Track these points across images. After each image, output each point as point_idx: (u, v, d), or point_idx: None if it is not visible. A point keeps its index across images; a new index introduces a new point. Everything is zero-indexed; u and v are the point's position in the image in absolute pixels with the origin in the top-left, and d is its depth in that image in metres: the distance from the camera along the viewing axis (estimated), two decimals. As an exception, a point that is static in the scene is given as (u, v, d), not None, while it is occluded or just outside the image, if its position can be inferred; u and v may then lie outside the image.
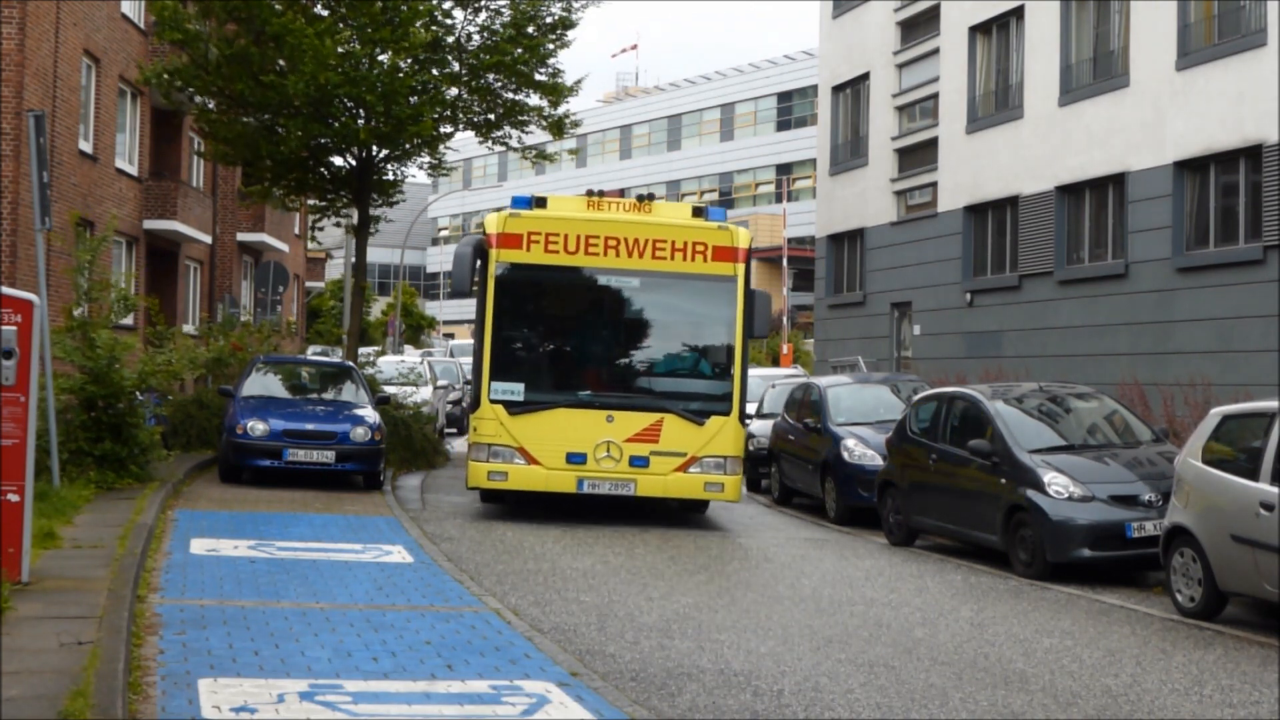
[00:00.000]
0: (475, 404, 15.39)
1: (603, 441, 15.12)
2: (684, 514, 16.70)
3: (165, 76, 22.22)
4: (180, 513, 14.35)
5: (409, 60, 21.55)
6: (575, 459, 15.11)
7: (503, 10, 22.60)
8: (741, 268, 15.52)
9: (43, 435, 13.48)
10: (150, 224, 28.57)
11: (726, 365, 15.68)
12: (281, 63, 21.04)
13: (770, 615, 10.55)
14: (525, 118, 23.36)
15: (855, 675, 8.65)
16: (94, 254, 17.14)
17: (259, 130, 22.11)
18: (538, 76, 22.76)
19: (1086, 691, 8.59)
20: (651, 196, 16.25)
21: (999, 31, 26.64)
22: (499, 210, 15.85)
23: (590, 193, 15.91)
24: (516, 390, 15.18)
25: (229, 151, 22.88)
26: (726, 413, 15.38)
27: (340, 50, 20.77)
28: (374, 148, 22.29)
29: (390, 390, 22.72)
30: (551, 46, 22.65)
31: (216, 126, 22.57)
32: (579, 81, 23.40)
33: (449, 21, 22.64)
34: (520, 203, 15.56)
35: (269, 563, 11.43)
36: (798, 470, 19.01)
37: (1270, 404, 11.46)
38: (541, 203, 15.59)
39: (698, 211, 15.80)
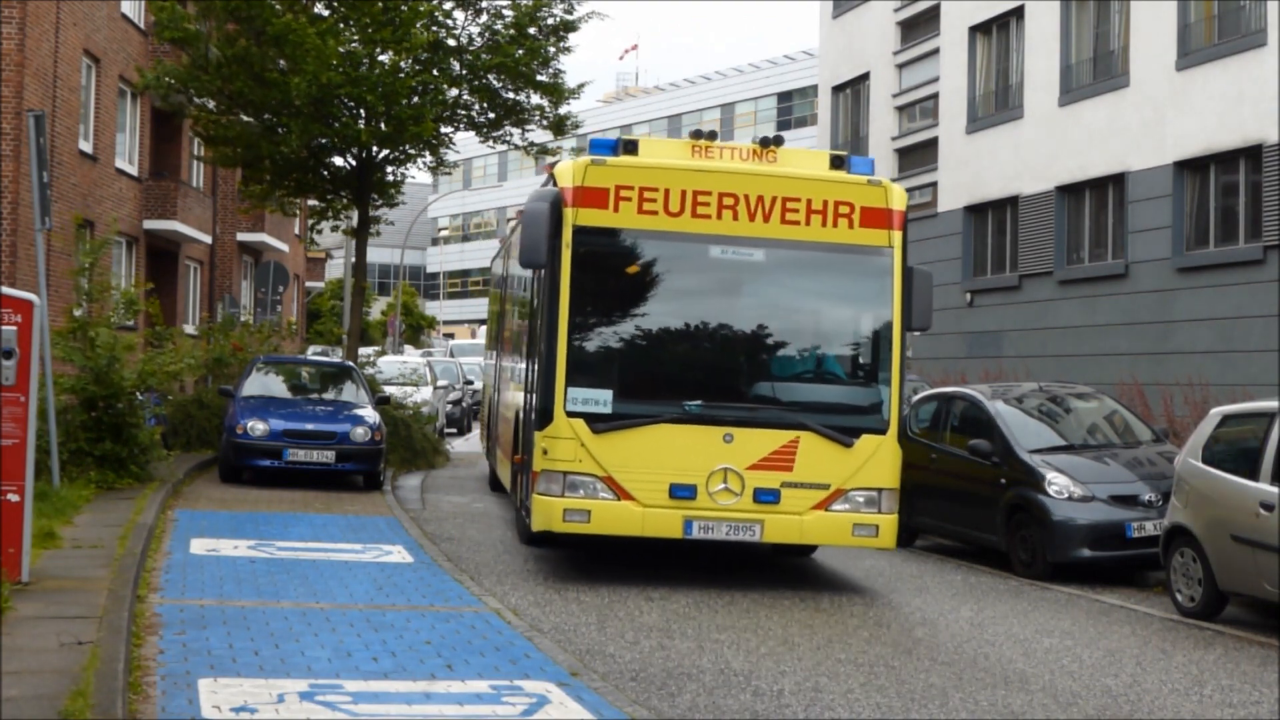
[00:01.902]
0: (543, 418, 11.49)
1: (719, 469, 11.35)
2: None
3: (165, 79, 22.22)
4: (180, 513, 14.34)
5: (410, 60, 21.55)
6: (682, 492, 11.33)
7: (504, 11, 22.61)
8: (898, 236, 11.78)
9: (43, 435, 13.49)
10: (150, 224, 28.58)
11: (878, 366, 11.89)
12: (282, 62, 21.03)
13: (770, 615, 10.55)
14: (526, 117, 23.36)
15: (855, 675, 8.65)
16: (95, 256, 17.15)
17: (259, 131, 22.10)
18: (539, 77, 22.76)
19: (1086, 691, 8.59)
20: (779, 140, 12.07)
21: (999, 31, 26.63)
22: (576, 156, 12.17)
23: (697, 134, 11.98)
24: (602, 400, 11.41)
25: (228, 152, 22.87)
26: (881, 429, 11.65)
27: (341, 50, 20.77)
28: (374, 148, 22.29)
29: (390, 390, 22.72)
30: (553, 50, 22.65)
31: (216, 128, 22.55)
32: (581, 86, 23.41)
33: (449, 22, 22.65)
34: (603, 146, 11.69)
35: (269, 563, 11.43)
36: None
37: (1270, 404, 11.47)
38: (632, 147, 11.64)
39: (837, 161, 12.00)
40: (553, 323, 11.46)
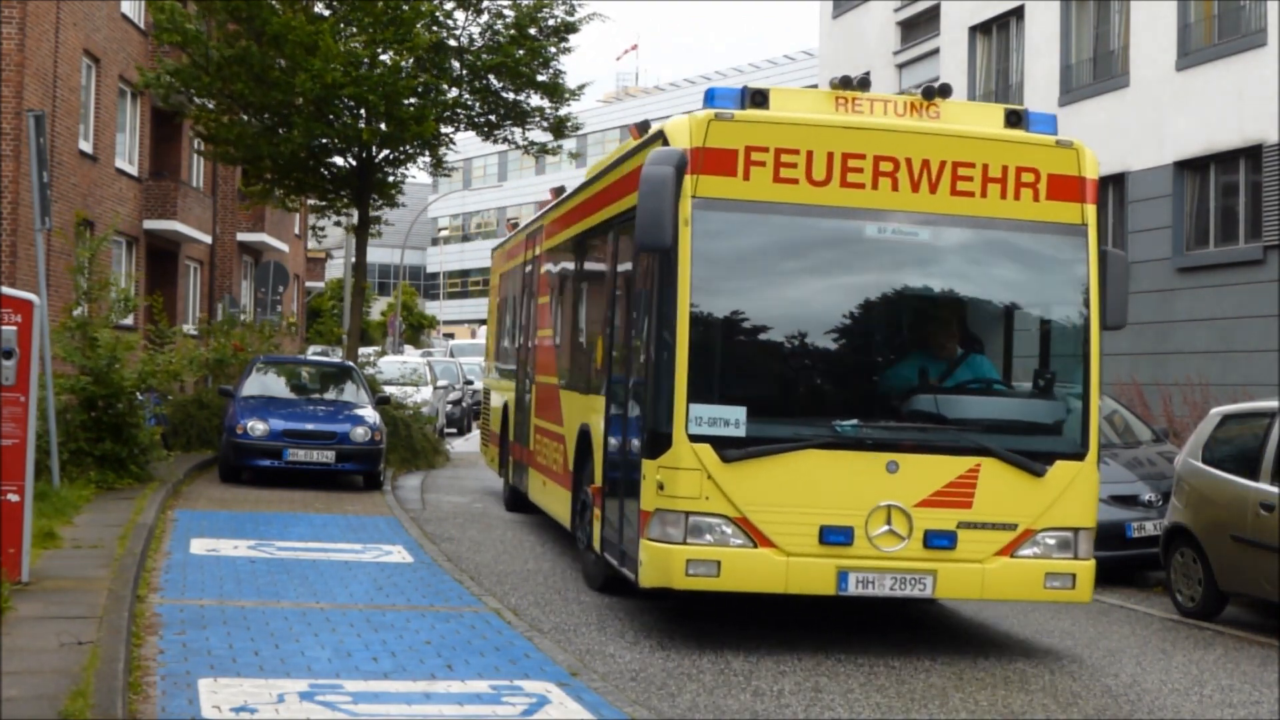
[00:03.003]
0: (656, 443, 9.04)
1: (882, 506, 9.08)
2: None
3: (165, 77, 22.23)
4: (180, 513, 14.34)
5: (411, 60, 21.56)
6: (835, 537, 9.04)
7: (505, 12, 22.62)
8: (1092, 212, 9.53)
9: (43, 435, 13.49)
10: (150, 224, 28.60)
11: (1073, 374, 9.56)
12: (282, 62, 21.03)
13: (770, 615, 10.55)
14: (527, 118, 23.36)
15: (855, 675, 8.65)
16: (93, 253, 17.15)
17: (260, 131, 22.11)
18: (539, 78, 22.76)
19: (1086, 691, 8.59)
20: (946, 90, 9.69)
21: (999, 31, 26.64)
22: (689, 112, 9.52)
23: (845, 82, 9.55)
24: (733, 420, 8.93)
25: (229, 151, 22.88)
26: (1078, 454, 9.38)
27: (343, 49, 20.76)
28: (375, 148, 22.30)
29: (390, 390, 22.73)
30: (554, 50, 22.66)
31: (217, 128, 22.57)
32: (582, 87, 23.42)
33: (450, 23, 22.66)
34: (726, 97, 9.32)
35: (269, 563, 11.43)
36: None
37: (1270, 404, 11.47)
38: (761, 99, 9.28)
39: (1013, 117, 9.64)
40: (668, 321, 9.00)
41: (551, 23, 22.63)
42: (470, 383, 34.23)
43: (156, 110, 28.58)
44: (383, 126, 21.70)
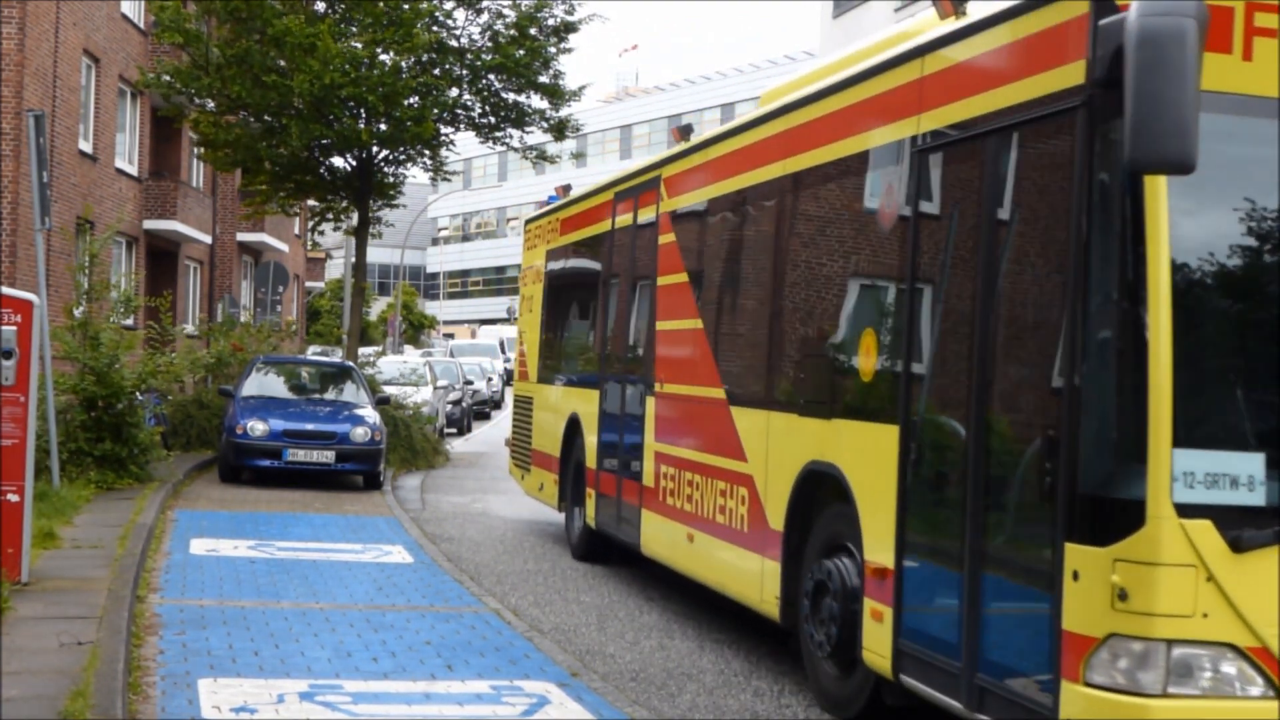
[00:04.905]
0: (1101, 517, 5.33)
1: None
2: None
3: (165, 78, 22.21)
4: (180, 513, 14.34)
5: (411, 61, 21.55)
6: None
7: (505, 12, 22.62)
8: None
9: (43, 435, 13.48)
10: (150, 224, 28.60)
11: None
12: (283, 63, 21.03)
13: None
14: (527, 119, 23.36)
15: (855, 675, 8.64)
16: (95, 253, 17.16)
17: (259, 132, 22.10)
18: (540, 79, 22.75)
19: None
20: None
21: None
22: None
23: None
24: (1248, 476, 5.22)
25: (227, 155, 22.86)
26: None
27: (343, 49, 20.75)
28: (374, 149, 22.29)
29: (390, 390, 22.73)
30: (554, 50, 22.65)
31: (215, 132, 22.53)
32: (583, 88, 23.43)
33: (450, 23, 22.65)
34: None
35: (269, 563, 11.43)
36: None
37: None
38: None
39: None
40: (1124, 303, 5.31)
41: (551, 23, 22.62)
42: (470, 383, 34.19)
43: (156, 110, 28.58)
44: (382, 127, 21.69)
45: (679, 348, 10.33)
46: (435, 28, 22.20)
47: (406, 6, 21.38)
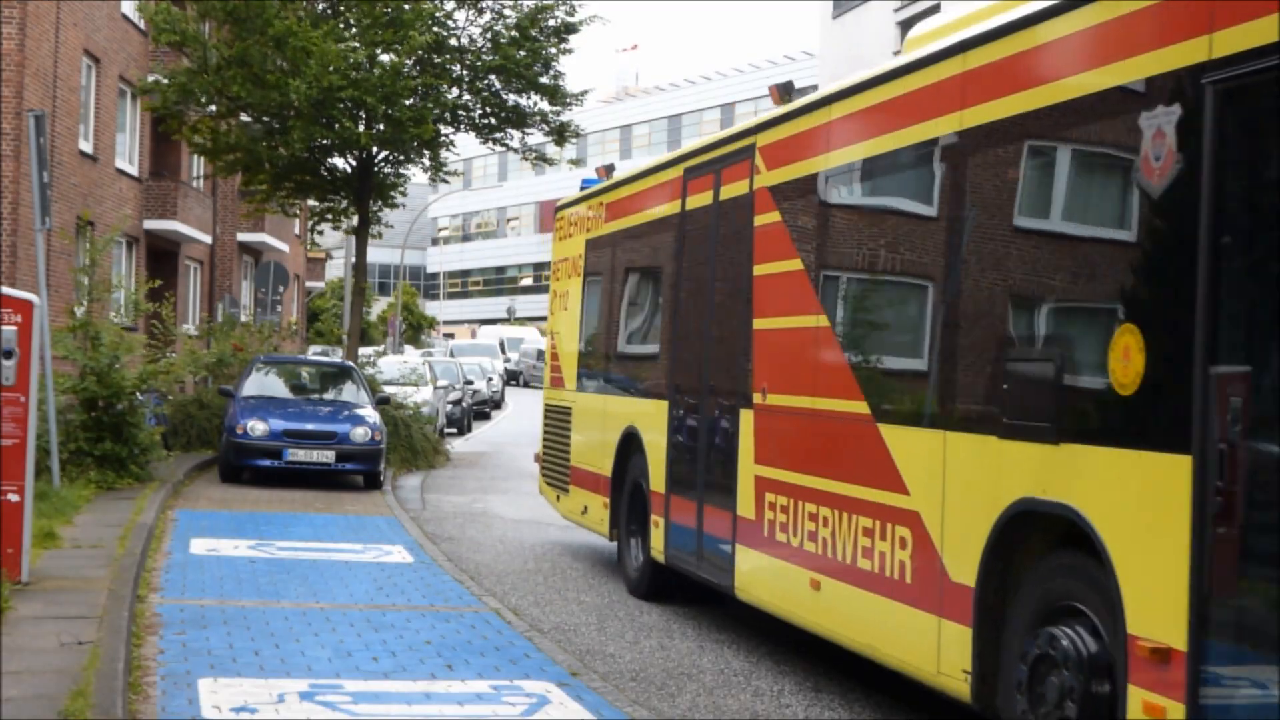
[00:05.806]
0: None
1: None
2: None
3: (164, 81, 22.20)
4: (180, 513, 14.35)
5: (411, 62, 21.54)
6: None
7: (505, 13, 22.61)
8: None
9: (43, 435, 13.48)
10: (150, 224, 28.61)
11: None
12: (282, 64, 21.03)
13: (770, 615, 10.54)
14: (528, 120, 23.34)
15: (855, 675, 8.64)
16: (98, 254, 17.16)
17: (258, 134, 22.09)
18: (540, 80, 22.74)
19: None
20: None
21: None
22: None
23: None
24: None
25: (227, 159, 22.83)
26: None
27: (342, 49, 20.74)
28: (374, 150, 22.28)
29: (390, 390, 22.73)
30: (554, 51, 22.64)
31: (214, 137, 22.50)
32: (584, 92, 23.39)
33: (450, 23, 22.64)
34: None
35: (269, 563, 11.43)
36: None
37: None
38: None
39: None
40: None
41: (552, 23, 22.61)
42: (470, 382, 34.17)
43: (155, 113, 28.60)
44: (381, 128, 21.67)
45: (790, 350, 8.40)
46: (435, 28, 22.19)
47: (408, 7, 21.36)
